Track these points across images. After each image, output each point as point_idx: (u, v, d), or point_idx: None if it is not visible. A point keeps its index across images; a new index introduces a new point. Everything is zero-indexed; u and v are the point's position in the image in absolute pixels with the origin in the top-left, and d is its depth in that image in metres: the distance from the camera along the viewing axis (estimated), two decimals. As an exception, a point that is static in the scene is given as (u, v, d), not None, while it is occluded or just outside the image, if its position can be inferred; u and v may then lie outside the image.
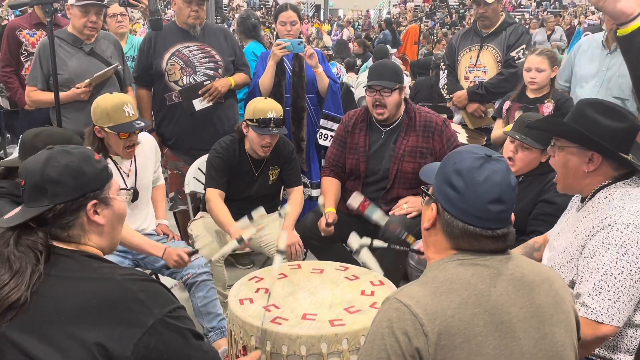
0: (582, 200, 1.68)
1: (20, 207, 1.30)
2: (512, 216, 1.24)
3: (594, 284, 1.48)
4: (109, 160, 2.46)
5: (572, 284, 1.56)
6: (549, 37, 10.17)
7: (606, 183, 1.60)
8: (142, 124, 2.44)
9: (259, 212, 2.32)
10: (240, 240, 2.32)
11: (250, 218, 2.35)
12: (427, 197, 1.30)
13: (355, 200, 2.35)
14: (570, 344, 1.22)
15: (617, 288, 1.46)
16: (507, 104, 3.21)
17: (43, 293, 1.17)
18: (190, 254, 2.38)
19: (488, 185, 1.17)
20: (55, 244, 1.26)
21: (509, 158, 2.44)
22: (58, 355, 1.11)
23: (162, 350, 1.17)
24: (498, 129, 3.19)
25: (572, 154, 1.61)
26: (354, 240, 2.08)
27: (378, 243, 2.10)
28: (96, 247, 1.31)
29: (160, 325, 1.17)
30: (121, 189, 1.40)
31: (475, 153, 1.21)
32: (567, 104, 3.03)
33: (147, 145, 2.67)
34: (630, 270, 1.46)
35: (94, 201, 1.29)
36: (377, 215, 2.26)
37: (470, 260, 1.19)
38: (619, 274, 1.46)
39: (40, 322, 1.15)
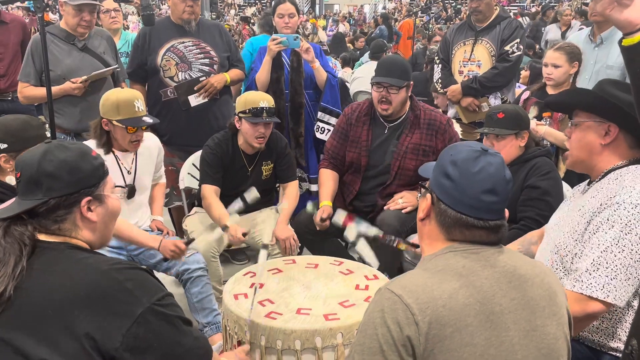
0: (589, 183, 1.67)
1: (14, 199, 1.30)
2: (507, 212, 1.25)
3: (593, 260, 1.47)
4: (111, 155, 2.48)
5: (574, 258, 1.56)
6: (563, 34, 7.85)
7: (618, 165, 1.59)
8: (151, 120, 2.45)
9: (252, 194, 2.34)
10: (224, 228, 2.34)
11: (244, 200, 2.37)
12: (423, 190, 1.32)
13: (339, 216, 2.19)
14: (562, 337, 1.23)
15: (616, 265, 1.45)
16: (526, 94, 3.23)
17: (27, 287, 1.16)
18: (186, 243, 2.39)
19: (482, 175, 1.19)
20: (43, 237, 1.25)
21: None
22: (48, 350, 1.10)
23: (151, 339, 1.16)
24: None
25: (589, 127, 1.61)
26: (351, 232, 2.06)
27: (371, 233, 2.07)
28: (85, 242, 1.30)
29: (149, 314, 1.16)
30: (116, 186, 1.40)
31: (471, 147, 1.25)
32: None
33: (152, 145, 2.68)
34: (632, 250, 1.45)
35: (88, 198, 1.28)
36: (363, 227, 2.16)
37: (463, 252, 1.20)
38: (619, 251, 1.45)
39: (27, 317, 1.14)
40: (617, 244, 1.45)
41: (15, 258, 1.17)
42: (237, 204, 2.40)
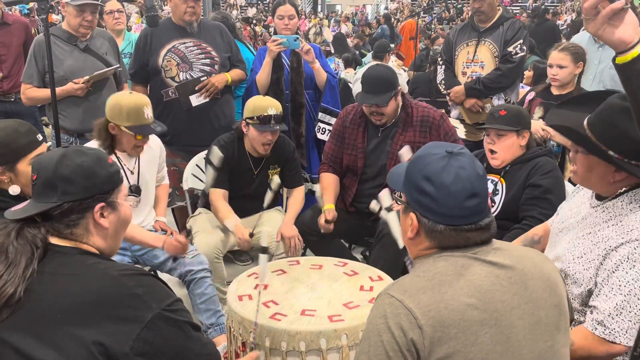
0: (599, 197, 1.60)
1: (28, 201, 1.30)
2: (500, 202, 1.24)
3: (616, 304, 1.42)
4: (113, 157, 2.46)
5: (589, 293, 1.51)
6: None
7: (634, 185, 1.51)
8: (160, 128, 2.45)
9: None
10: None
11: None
12: (402, 206, 1.30)
13: (407, 154, 2.19)
14: (564, 326, 1.23)
15: (639, 309, 1.41)
16: (531, 95, 3.22)
17: (37, 291, 1.17)
18: (187, 235, 2.41)
19: (459, 183, 1.18)
20: (55, 241, 1.26)
21: (490, 151, 2.49)
22: (56, 354, 1.11)
23: (161, 344, 1.17)
24: None
25: (599, 162, 1.51)
26: (386, 198, 1.97)
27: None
28: (96, 249, 1.31)
29: (159, 319, 1.17)
30: (129, 195, 1.40)
31: (436, 153, 1.22)
32: None
33: (153, 145, 2.67)
34: None
35: (102, 204, 1.29)
36: None
37: (459, 254, 1.20)
38: None
39: (36, 321, 1.14)
40: None
41: (26, 260, 1.18)
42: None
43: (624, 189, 1.53)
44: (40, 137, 1.87)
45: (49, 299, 1.16)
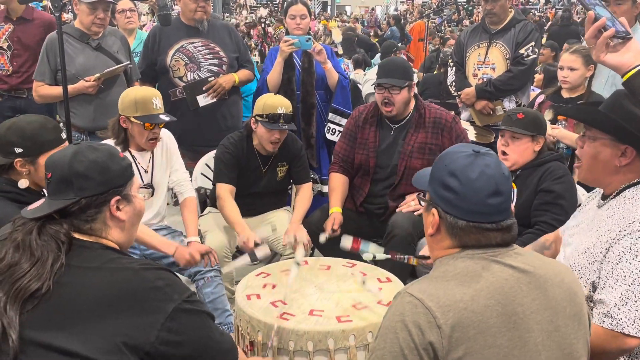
0: (604, 197, 1.62)
1: (44, 199, 1.32)
2: (512, 207, 1.25)
3: (621, 294, 1.42)
4: (127, 154, 2.47)
5: (593, 287, 1.51)
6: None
7: (634, 182, 1.53)
8: (167, 117, 2.46)
9: (263, 250, 2.36)
10: (253, 258, 2.34)
11: (253, 258, 2.36)
12: (425, 204, 1.30)
13: (346, 242, 2.21)
14: (582, 337, 1.22)
15: None
16: (541, 97, 3.21)
17: (64, 283, 1.19)
18: (202, 255, 2.37)
19: (483, 180, 1.19)
20: (76, 235, 1.28)
21: (503, 152, 2.48)
22: (81, 346, 1.13)
23: (183, 334, 1.20)
24: None
25: (605, 145, 1.54)
26: (366, 256, 2.02)
27: (381, 257, 2.04)
28: (114, 242, 1.34)
29: (181, 310, 1.20)
30: (141, 187, 1.42)
31: (463, 151, 1.23)
32: None
33: (167, 141, 2.66)
34: None
35: (117, 197, 1.32)
36: (372, 249, 2.16)
37: (480, 255, 1.19)
38: None
39: (61, 313, 1.16)
40: None
41: (53, 255, 1.21)
42: (243, 260, 2.32)
43: (626, 183, 1.54)
44: (64, 135, 1.90)
45: (75, 292, 1.18)
